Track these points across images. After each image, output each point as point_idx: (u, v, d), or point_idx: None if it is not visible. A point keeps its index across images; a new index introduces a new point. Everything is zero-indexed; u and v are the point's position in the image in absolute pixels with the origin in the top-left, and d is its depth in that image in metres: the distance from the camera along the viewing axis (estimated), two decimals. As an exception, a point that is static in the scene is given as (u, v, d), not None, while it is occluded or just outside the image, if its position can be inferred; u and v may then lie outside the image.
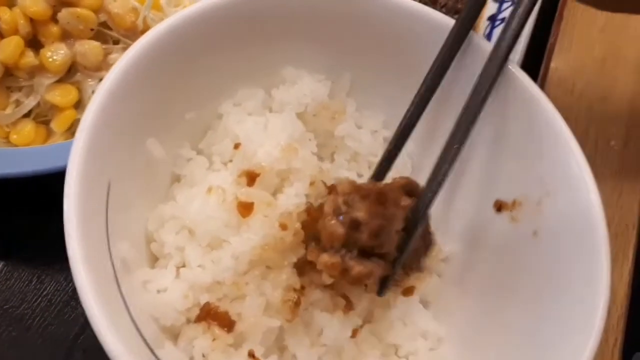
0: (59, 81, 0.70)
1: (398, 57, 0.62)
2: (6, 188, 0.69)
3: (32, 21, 0.68)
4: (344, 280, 0.50)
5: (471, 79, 0.53)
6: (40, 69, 0.69)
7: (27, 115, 0.70)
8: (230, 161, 0.60)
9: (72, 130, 0.70)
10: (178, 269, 0.54)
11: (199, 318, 0.52)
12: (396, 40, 0.61)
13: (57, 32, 0.69)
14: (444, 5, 0.87)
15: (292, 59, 0.64)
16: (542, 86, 0.87)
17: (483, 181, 0.60)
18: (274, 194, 0.57)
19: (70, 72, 0.70)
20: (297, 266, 0.54)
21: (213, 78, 0.61)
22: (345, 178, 0.50)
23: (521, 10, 0.53)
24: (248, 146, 0.58)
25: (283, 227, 0.54)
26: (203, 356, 0.51)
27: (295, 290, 0.53)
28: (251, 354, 0.51)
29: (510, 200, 0.57)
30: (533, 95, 0.55)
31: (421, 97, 0.57)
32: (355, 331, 0.54)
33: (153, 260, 0.57)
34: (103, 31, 0.72)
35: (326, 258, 0.48)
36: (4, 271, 0.68)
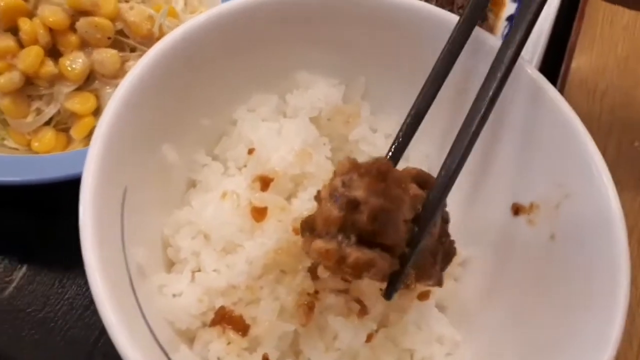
0: (78, 89, 0.71)
1: (413, 60, 0.62)
2: (28, 194, 0.70)
3: (52, 31, 0.70)
4: (340, 271, 0.43)
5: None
6: (59, 78, 0.70)
7: (48, 123, 0.72)
8: (244, 166, 0.60)
9: (91, 137, 0.71)
10: (193, 274, 0.54)
11: (214, 322, 0.52)
12: (411, 43, 0.61)
13: (76, 41, 0.70)
14: (461, 6, 0.86)
15: (306, 64, 0.64)
16: (563, 87, 0.86)
17: (500, 184, 0.60)
18: (288, 199, 0.58)
19: (88, 80, 0.72)
20: (311, 270, 0.54)
21: (227, 83, 0.61)
22: (345, 157, 0.45)
23: (533, 5, 0.51)
24: (262, 151, 0.59)
25: (297, 232, 0.54)
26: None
27: (309, 294, 0.53)
28: (266, 358, 0.51)
29: (527, 203, 0.56)
30: (551, 97, 0.54)
31: (432, 82, 0.54)
32: (370, 336, 0.54)
33: (169, 265, 0.57)
34: (120, 39, 0.73)
35: (320, 244, 0.41)
36: (27, 275, 0.70)
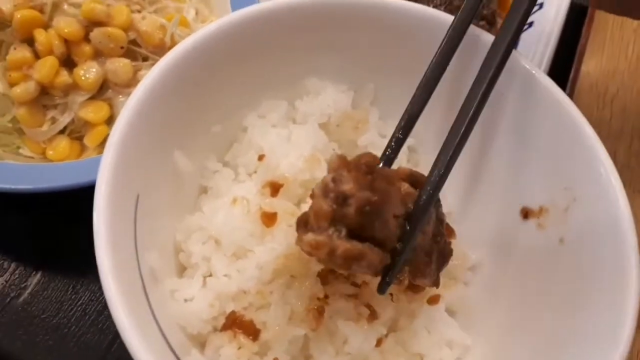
0: (91, 98, 0.73)
1: (422, 66, 0.62)
2: (43, 201, 0.72)
3: (66, 41, 0.71)
4: (332, 263, 0.44)
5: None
6: (74, 87, 0.72)
7: (62, 131, 0.73)
8: (255, 172, 0.61)
9: (105, 144, 0.73)
10: (205, 279, 0.55)
11: (225, 327, 0.53)
12: (420, 49, 0.61)
13: (90, 51, 0.72)
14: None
15: (315, 70, 0.65)
16: (572, 91, 0.86)
17: (509, 188, 0.60)
18: (298, 204, 0.58)
19: (102, 89, 0.73)
20: (321, 275, 0.54)
21: (237, 90, 0.62)
22: (334, 154, 0.46)
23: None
24: (272, 157, 0.59)
25: (306, 237, 0.54)
26: (229, 364, 0.51)
27: (319, 299, 0.53)
28: (276, 363, 0.51)
29: (536, 207, 0.56)
30: (559, 100, 0.55)
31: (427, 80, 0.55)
32: (380, 340, 0.54)
33: (181, 269, 0.58)
34: (133, 49, 0.75)
35: (311, 237, 0.43)
36: (41, 282, 0.71)
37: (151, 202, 0.53)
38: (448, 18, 0.59)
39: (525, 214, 0.57)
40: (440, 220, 0.50)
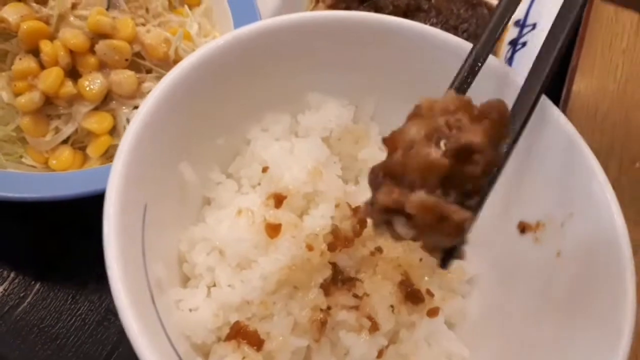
0: (95, 109, 0.73)
1: (421, 82, 0.64)
2: (44, 211, 0.72)
3: (72, 53, 0.72)
4: (434, 230, 0.34)
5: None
6: (78, 98, 0.72)
7: (65, 141, 0.74)
8: (258, 184, 0.62)
9: (107, 155, 0.74)
10: (209, 289, 0.56)
11: (229, 337, 0.53)
12: (419, 65, 0.63)
13: (95, 63, 0.72)
14: (465, 31, 0.89)
15: (318, 85, 0.66)
16: (564, 109, 0.88)
17: (507, 203, 0.61)
18: (301, 216, 0.59)
19: (105, 100, 0.74)
20: (324, 286, 0.55)
21: (242, 104, 0.63)
22: (450, 91, 0.37)
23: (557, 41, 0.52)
24: (275, 170, 0.60)
25: (310, 248, 0.56)
26: (233, 374, 0.52)
27: (321, 310, 0.54)
28: (279, 373, 0.52)
29: (534, 221, 0.58)
30: (554, 117, 0.56)
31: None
32: (381, 352, 0.55)
33: (185, 280, 0.59)
34: (137, 61, 0.75)
35: (423, 196, 0.32)
36: (41, 291, 0.71)
37: (158, 212, 0.54)
38: (446, 37, 0.61)
39: (522, 229, 0.59)
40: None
